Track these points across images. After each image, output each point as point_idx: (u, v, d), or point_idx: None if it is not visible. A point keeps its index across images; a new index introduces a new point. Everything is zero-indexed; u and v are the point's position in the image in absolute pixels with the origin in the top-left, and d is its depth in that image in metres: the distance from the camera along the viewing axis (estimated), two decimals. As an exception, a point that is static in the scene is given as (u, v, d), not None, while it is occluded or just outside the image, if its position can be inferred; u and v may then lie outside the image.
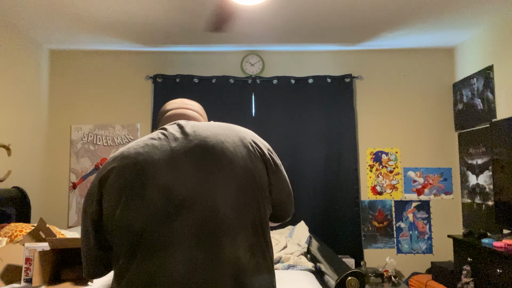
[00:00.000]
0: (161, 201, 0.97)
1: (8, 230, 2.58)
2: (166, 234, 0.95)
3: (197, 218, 0.97)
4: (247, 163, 1.05)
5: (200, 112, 1.30)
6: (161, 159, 1.01)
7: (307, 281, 2.51)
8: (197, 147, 1.04)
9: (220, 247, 0.97)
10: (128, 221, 0.97)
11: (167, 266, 0.94)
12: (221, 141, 1.06)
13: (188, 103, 1.29)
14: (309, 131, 4.24)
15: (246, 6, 3.22)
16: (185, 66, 4.36)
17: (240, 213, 1.01)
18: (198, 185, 0.99)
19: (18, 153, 3.66)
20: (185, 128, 1.09)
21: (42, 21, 3.50)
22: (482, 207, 3.76)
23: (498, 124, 3.26)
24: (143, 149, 1.04)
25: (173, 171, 1.00)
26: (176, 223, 0.96)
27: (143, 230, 0.96)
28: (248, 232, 1.02)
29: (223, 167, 1.02)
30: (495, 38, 3.60)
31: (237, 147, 1.06)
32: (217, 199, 0.99)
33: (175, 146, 1.04)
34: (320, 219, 4.10)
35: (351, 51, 4.39)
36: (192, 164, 1.01)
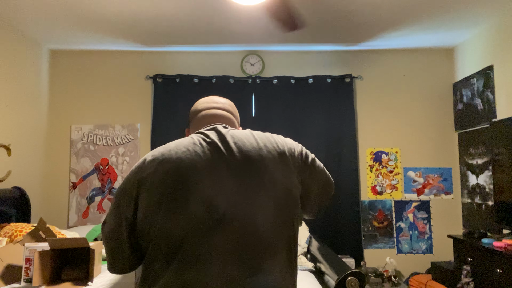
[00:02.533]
0: (203, 213, 0.96)
1: (8, 230, 2.58)
2: (204, 246, 0.95)
3: (235, 234, 0.96)
4: (286, 179, 1.05)
5: (232, 111, 1.28)
6: (204, 170, 1.01)
7: (307, 281, 2.51)
8: (239, 162, 1.03)
9: (257, 265, 0.97)
10: (169, 228, 0.96)
11: (202, 279, 0.94)
12: (262, 157, 1.05)
13: (220, 102, 1.26)
14: (309, 131, 4.24)
15: (246, 6, 3.22)
16: (185, 66, 4.36)
17: (278, 232, 1.01)
18: (238, 201, 0.99)
19: (18, 153, 3.66)
20: (226, 138, 1.08)
21: (42, 21, 3.50)
22: (482, 207, 3.76)
23: (498, 124, 3.26)
24: (185, 155, 1.02)
25: (215, 183, 0.99)
26: (215, 237, 0.96)
27: (183, 239, 0.96)
28: (284, 251, 1.03)
29: (264, 184, 1.02)
30: (495, 38, 3.60)
31: (277, 163, 1.06)
32: (256, 217, 0.99)
33: (217, 157, 1.03)
34: (320, 219, 4.10)
35: (351, 51, 4.39)
36: (233, 179, 1.01)
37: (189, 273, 0.94)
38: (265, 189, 1.01)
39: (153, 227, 0.98)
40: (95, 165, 4.23)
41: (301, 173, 1.11)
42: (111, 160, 4.23)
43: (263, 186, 1.01)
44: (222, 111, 1.24)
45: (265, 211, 1.00)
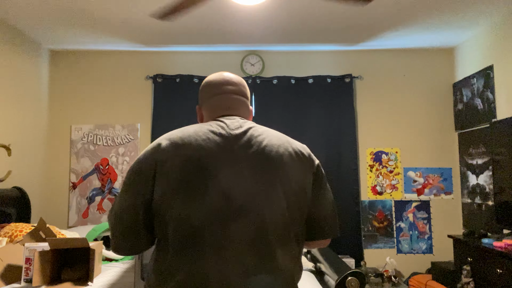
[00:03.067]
0: (221, 203, 0.98)
1: (8, 230, 2.58)
2: (221, 236, 0.97)
3: (251, 225, 0.98)
4: (301, 178, 1.08)
5: (246, 93, 1.25)
6: (224, 160, 1.02)
7: (307, 281, 2.51)
8: (258, 155, 1.04)
9: (271, 255, 0.99)
10: (187, 215, 0.97)
11: (219, 267, 0.96)
12: (280, 153, 1.07)
13: (235, 84, 1.22)
14: (309, 131, 4.24)
15: (246, 6, 3.22)
16: (185, 66, 4.36)
17: (289, 225, 1.03)
18: (256, 194, 1.00)
19: (18, 153, 3.66)
20: (246, 130, 1.08)
21: (42, 21, 3.50)
22: (482, 207, 3.76)
23: (498, 124, 3.26)
24: (205, 143, 1.03)
25: (235, 175, 1.01)
26: (232, 227, 0.97)
27: (200, 228, 0.97)
28: (293, 244, 1.05)
29: (280, 179, 1.04)
30: (495, 38, 3.60)
31: (294, 161, 1.08)
32: (271, 211, 1.01)
33: (237, 148, 1.04)
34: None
35: (351, 51, 4.39)
36: (252, 172, 1.02)
37: (206, 262, 0.96)
38: (281, 185, 1.03)
39: (169, 212, 0.98)
40: (95, 165, 4.23)
41: (316, 183, 1.13)
42: (111, 160, 4.23)
43: (279, 182, 1.03)
44: (238, 96, 1.21)
45: (278, 204, 1.02)
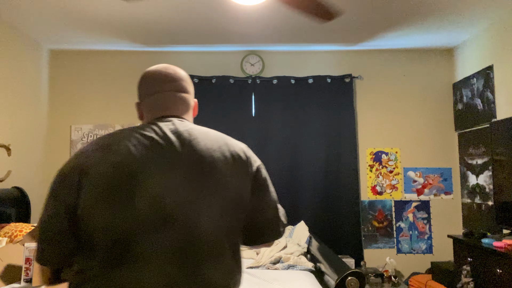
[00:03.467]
0: (148, 210, 0.93)
1: (8, 230, 2.58)
2: (146, 245, 0.92)
3: (179, 235, 0.94)
4: (237, 184, 1.03)
5: (188, 89, 1.18)
6: (154, 167, 0.97)
7: (307, 281, 2.51)
8: (191, 161, 0.99)
9: (199, 268, 0.94)
10: (110, 223, 0.92)
11: (139, 277, 0.91)
12: (215, 158, 1.01)
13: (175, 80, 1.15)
14: (309, 131, 4.24)
15: (246, 6, 3.22)
16: (185, 66, 4.36)
17: (223, 235, 0.99)
18: (186, 202, 0.96)
19: (18, 153, 3.66)
20: (181, 135, 1.03)
21: (42, 21, 3.50)
22: (482, 207, 3.76)
23: (498, 124, 3.26)
24: (135, 148, 0.98)
25: (165, 182, 0.96)
26: (158, 236, 0.93)
27: (125, 237, 0.92)
28: (229, 255, 1.00)
29: (213, 187, 0.99)
30: (495, 38, 3.60)
31: (230, 166, 1.03)
32: (201, 219, 0.96)
33: (169, 154, 0.99)
34: (320, 219, 4.10)
35: (351, 51, 4.39)
36: (184, 179, 0.97)
37: (127, 271, 0.91)
38: (214, 192, 0.98)
39: (93, 220, 0.93)
40: (95, 165, 4.23)
41: (256, 187, 1.08)
42: (111, 160, 4.23)
43: (212, 189, 0.98)
44: (179, 94, 1.15)
45: (211, 214, 0.97)
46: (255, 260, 2.99)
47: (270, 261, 2.90)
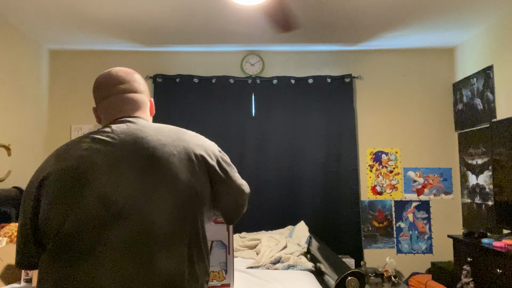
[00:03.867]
0: (99, 208, 0.96)
1: (8, 230, 2.58)
2: (98, 241, 0.95)
3: (132, 229, 0.96)
4: (191, 178, 1.04)
5: (141, 89, 1.22)
6: (104, 166, 1.00)
7: (307, 281, 2.51)
8: (142, 158, 1.02)
9: (152, 260, 0.96)
10: (62, 223, 0.96)
11: (93, 274, 0.94)
12: (168, 154, 1.04)
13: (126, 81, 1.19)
14: (309, 131, 4.24)
15: (246, 6, 3.22)
16: (185, 66, 4.36)
17: (177, 227, 1.01)
18: (138, 196, 0.98)
19: (18, 153, 3.66)
20: (133, 133, 1.06)
21: (42, 21, 3.50)
22: (482, 207, 3.76)
23: (498, 124, 3.26)
24: (87, 152, 1.02)
25: (115, 179, 0.98)
26: (111, 232, 0.95)
27: (76, 234, 0.95)
28: (184, 246, 1.02)
29: (165, 180, 1.01)
30: (495, 38, 3.60)
31: (183, 161, 1.05)
32: (154, 213, 0.98)
33: (120, 154, 1.02)
34: (320, 219, 4.10)
35: (351, 51, 4.39)
36: (134, 175, 1.00)
37: (80, 268, 0.94)
38: (166, 186, 1.01)
39: (49, 224, 0.98)
40: (95, 165, 4.23)
41: (212, 175, 1.10)
42: (111, 160, 4.23)
43: (164, 182, 1.01)
44: (130, 94, 1.18)
45: (163, 207, 0.99)
46: (255, 260, 2.99)
47: (270, 261, 2.90)
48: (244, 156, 4.20)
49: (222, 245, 1.62)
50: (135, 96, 1.19)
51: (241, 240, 3.59)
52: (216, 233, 1.61)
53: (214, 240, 1.61)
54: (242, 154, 4.20)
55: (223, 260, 1.62)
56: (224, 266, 1.62)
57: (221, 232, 1.62)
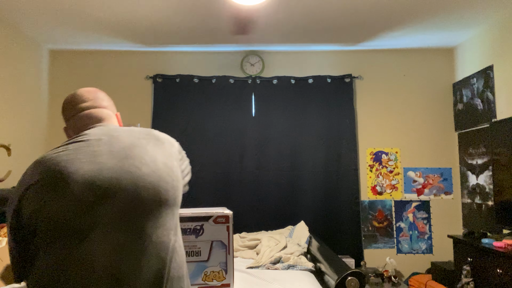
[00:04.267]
0: (83, 192, 1.03)
1: (8, 230, 2.58)
2: (87, 221, 1.02)
3: (119, 205, 1.05)
4: (165, 158, 1.19)
5: (110, 107, 1.34)
6: (84, 158, 1.09)
7: (307, 281, 2.51)
8: (121, 149, 1.13)
9: (142, 230, 1.07)
10: (50, 212, 1.02)
11: (88, 252, 1.01)
12: (142, 142, 1.17)
13: (88, 100, 1.31)
14: (309, 131, 4.24)
15: (246, 6, 3.22)
16: (185, 66, 4.36)
17: (161, 198, 1.12)
18: (121, 177, 1.08)
19: (18, 153, 3.66)
20: (107, 131, 1.18)
21: (42, 21, 3.50)
22: (482, 207, 3.76)
23: (498, 124, 3.26)
24: (64, 153, 1.10)
25: (97, 167, 1.07)
26: (98, 210, 1.03)
27: (64, 219, 1.02)
28: (169, 214, 1.15)
29: (146, 162, 1.13)
30: (495, 38, 3.60)
31: (156, 146, 1.20)
32: (140, 189, 1.09)
33: (99, 148, 1.12)
34: (320, 219, 4.10)
35: (351, 51, 4.39)
36: (115, 162, 1.10)
37: (75, 249, 1.01)
38: (146, 166, 1.12)
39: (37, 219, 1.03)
40: (95, 165, 4.23)
41: (177, 157, 1.28)
42: (111, 160, 4.22)
43: (144, 163, 1.12)
44: (95, 109, 1.29)
45: (147, 181, 1.10)
46: (255, 260, 2.99)
47: (270, 261, 2.90)
48: (244, 156, 4.20)
49: (222, 245, 1.62)
50: (99, 111, 1.29)
51: (241, 240, 3.59)
52: (216, 233, 1.61)
53: (214, 240, 1.62)
54: (242, 154, 4.20)
55: (223, 260, 1.62)
56: (224, 266, 1.62)
57: (221, 232, 1.62)
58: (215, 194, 4.10)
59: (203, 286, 1.60)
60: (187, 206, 1.67)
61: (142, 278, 1.05)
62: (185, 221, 1.60)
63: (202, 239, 1.61)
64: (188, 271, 1.24)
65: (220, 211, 1.65)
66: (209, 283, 1.60)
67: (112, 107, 1.36)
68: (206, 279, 1.61)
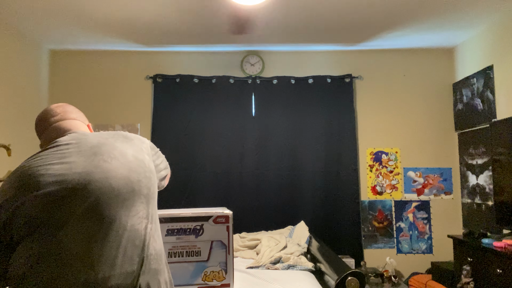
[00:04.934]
0: (54, 188, 1.08)
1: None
2: (60, 215, 1.07)
3: (92, 195, 1.10)
4: (135, 152, 1.24)
5: (80, 118, 1.40)
6: (54, 159, 1.14)
7: (307, 281, 2.51)
8: (90, 148, 1.18)
9: (115, 218, 1.10)
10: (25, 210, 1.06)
11: (64, 242, 1.05)
12: (110, 140, 1.23)
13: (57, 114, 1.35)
14: (309, 131, 4.23)
15: (246, 6, 3.22)
16: (185, 66, 4.36)
17: (133, 187, 1.17)
18: (91, 170, 1.13)
19: (18, 153, 3.66)
20: (74, 135, 1.25)
21: (42, 21, 3.50)
22: (482, 207, 3.76)
23: (498, 124, 3.26)
24: (34, 160, 1.16)
25: (67, 165, 1.13)
26: (71, 203, 1.08)
27: (38, 215, 1.06)
28: (143, 203, 1.18)
29: (115, 156, 1.18)
30: (495, 38, 3.60)
31: (125, 142, 1.25)
32: (111, 179, 1.13)
33: (68, 149, 1.18)
34: (320, 219, 4.10)
35: (351, 51, 4.39)
36: (84, 158, 1.15)
37: (52, 241, 1.05)
38: (115, 159, 1.17)
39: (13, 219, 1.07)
40: (95, 165, 4.23)
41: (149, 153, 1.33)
42: (111, 160, 4.22)
43: (114, 157, 1.18)
44: (63, 121, 1.34)
45: (118, 172, 1.15)
46: (255, 260, 2.99)
47: (270, 261, 2.90)
48: (244, 156, 4.20)
49: (222, 245, 1.62)
50: (67, 122, 1.35)
51: (241, 240, 3.59)
52: (216, 233, 1.61)
53: (214, 240, 1.62)
54: (242, 154, 4.20)
55: (223, 260, 1.62)
56: (224, 266, 1.62)
57: (221, 232, 1.62)
58: (215, 194, 4.10)
59: (203, 286, 1.60)
60: (187, 206, 1.67)
61: (117, 266, 1.07)
62: (185, 221, 1.60)
63: (202, 239, 1.61)
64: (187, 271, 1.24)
65: (220, 211, 1.65)
66: (209, 283, 1.60)
67: (82, 118, 1.42)
68: (206, 279, 1.61)
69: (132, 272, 1.09)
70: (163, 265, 1.22)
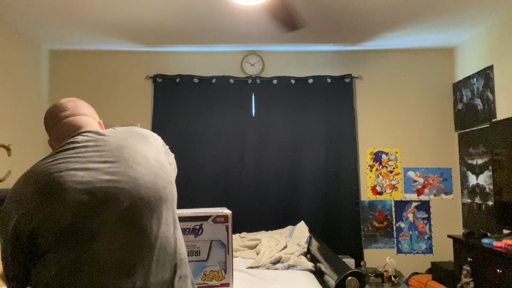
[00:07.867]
0: (85, 198, 1.05)
1: (8, 230, 2.58)
2: (94, 223, 1.04)
3: (122, 205, 1.08)
4: (155, 155, 1.22)
5: (91, 114, 1.36)
6: (76, 165, 1.09)
7: (307, 281, 2.51)
8: (111, 151, 1.15)
9: (144, 227, 1.09)
10: (52, 221, 1.02)
11: (95, 252, 1.03)
12: (130, 142, 1.19)
13: (67, 109, 1.32)
14: (309, 131, 4.24)
15: (246, 6, 3.22)
16: (185, 66, 4.36)
17: (160, 195, 1.15)
18: (119, 179, 1.10)
19: (18, 153, 3.66)
20: (93, 136, 1.19)
21: (42, 21, 3.50)
22: (482, 207, 3.76)
23: (498, 124, 3.26)
24: (53, 164, 1.10)
25: (92, 173, 1.09)
26: (102, 213, 1.05)
27: (69, 224, 1.03)
28: (169, 210, 1.18)
29: (139, 162, 1.15)
30: (495, 38, 3.60)
31: (144, 144, 1.22)
32: (139, 187, 1.11)
33: (89, 154, 1.13)
34: (320, 219, 4.10)
35: (351, 51, 4.39)
36: (109, 165, 1.12)
37: (83, 251, 1.03)
38: (139, 165, 1.15)
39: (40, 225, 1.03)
40: (95, 165, 4.23)
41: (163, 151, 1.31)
42: (111, 160, 4.23)
43: (137, 163, 1.15)
44: (74, 117, 1.30)
45: (145, 180, 1.13)
46: (255, 260, 2.99)
47: (270, 261, 2.90)
48: (244, 156, 4.20)
49: (221, 244, 1.62)
50: (79, 118, 1.31)
51: (241, 240, 3.59)
52: (215, 233, 1.61)
53: (213, 239, 1.62)
54: (242, 154, 4.20)
55: (222, 260, 1.62)
56: (224, 265, 1.62)
57: (220, 232, 1.62)
58: (215, 194, 4.10)
59: (202, 285, 1.60)
60: (187, 206, 1.67)
61: (152, 275, 1.07)
62: (184, 220, 1.60)
63: (201, 239, 1.61)
64: None
65: (219, 210, 1.65)
66: (208, 283, 1.61)
67: (94, 114, 1.38)
68: (205, 278, 1.61)
69: (166, 281, 1.10)
70: (188, 267, 1.22)
